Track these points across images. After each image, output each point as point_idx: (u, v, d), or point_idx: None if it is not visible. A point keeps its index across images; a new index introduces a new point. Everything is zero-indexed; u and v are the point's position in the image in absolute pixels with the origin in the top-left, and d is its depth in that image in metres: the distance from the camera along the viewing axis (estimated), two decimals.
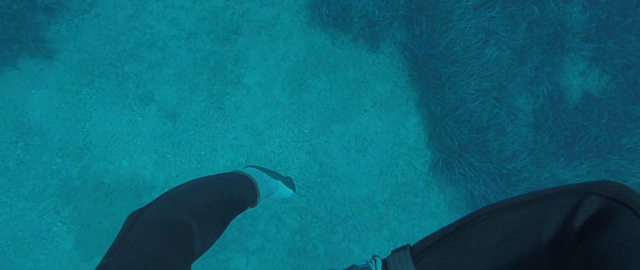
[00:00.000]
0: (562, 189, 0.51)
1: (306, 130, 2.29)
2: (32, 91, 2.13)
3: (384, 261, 0.61)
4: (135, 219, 0.61)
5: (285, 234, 2.29)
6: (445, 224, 1.25)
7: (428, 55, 2.17)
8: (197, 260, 0.71)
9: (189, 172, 2.25)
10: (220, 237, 0.77)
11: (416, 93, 2.32)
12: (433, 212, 2.34)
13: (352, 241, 2.31)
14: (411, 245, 0.60)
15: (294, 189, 1.27)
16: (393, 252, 0.61)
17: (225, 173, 0.92)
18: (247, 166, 1.09)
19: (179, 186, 0.74)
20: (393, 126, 2.31)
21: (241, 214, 0.90)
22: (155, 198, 0.71)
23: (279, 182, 1.14)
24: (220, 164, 2.26)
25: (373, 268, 0.60)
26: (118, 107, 2.21)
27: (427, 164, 2.32)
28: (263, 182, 1.01)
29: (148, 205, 0.64)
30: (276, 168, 2.28)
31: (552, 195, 0.50)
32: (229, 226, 0.81)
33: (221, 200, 0.75)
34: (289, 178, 1.29)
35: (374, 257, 0.62)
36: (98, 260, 2.23)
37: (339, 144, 2.29)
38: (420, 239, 0.62)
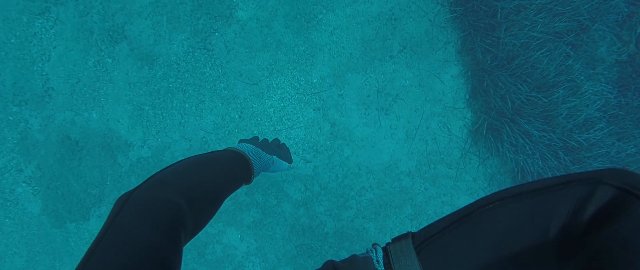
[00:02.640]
0: (572, 177, 0.48)
1: (315, 80, 1.85)
2: None
3: (385, 249, 0.59)
4: (123, 202, 0.58)
5: (286, 206, 1.94)
6: None
7: None
8: None
9: (172, 127, 1.89)
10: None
11: (458, 36, 1.82)
12: (469, 187, 1.93)
13: (367, 218, 1.95)
14: (413, 232, 0.59)
15: (290, 161, 1.15)
16: (394, 240, 0.59)
17: (217, 150, 0.87)
18: (241, 141, 1.04)
19: (169, 166, 0.71)
20: (426, 78, 1.85)
21: None
22: (144, 179, 0.71)
23: (274, 157, 1.05)
24: (208, 120, 1.88)
25: (374, 257, 0.58)
26: (82, 45, 1.81)
27: (466, 128, 1.87)
28: (257, 159, 0.93)
29: (137, 187, 0.62)
30: (276, 126, 1.89)
31: (562, 184, 0.48)
32: None
33: (213, 179, 0.73)
34: (286, 148, 1.16)
35: (374, 245, 0.61)
36: (71, 227, 1.97)
37: (355, 99, 1.86)
38: None
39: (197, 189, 0.67)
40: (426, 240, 0.56)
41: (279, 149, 1.10)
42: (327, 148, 1.89)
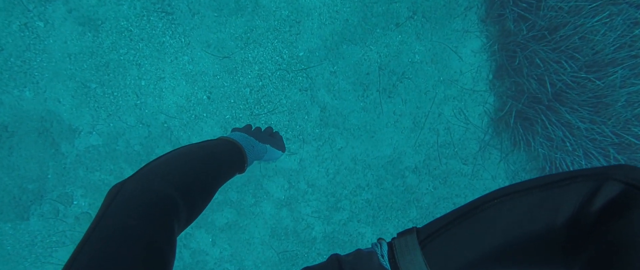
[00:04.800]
0: (579, 173, 0.46)
1: (301, 53, 1.44)
2: None
3: (390, 244, 0.56)
4: (115, 194, 0.55)
5: (266, 206, 1.57)
6: None
7: None
8: None
9: (125, 110, 1.49)
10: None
11: None
12: (487, 187, 1.56)
13: (363, 223, 1.58)
14: (418, 228, 0.57)
15: (283, 150, 1.08)
16: (399, 234, 0.57)
17: (210, 140, 0.81)
18: (234, 130, 0.96)
19: (160, 157, 0.66)
20: (440, 53, 1.44)
21: None
22: (135, 171, 0.73)
23: (267, 145, 0.98)
24: (170, 101, 1.48)
25: (379, 252, 0.55)
26: (0, 2, 1.38)
27: (488, 116, 1.48)
28: (250, 147, 0.88)
29: (128, 179, 0.58)
30: (254, 110, 1.49)
31: (568, 179, 0.47)
32: None
33: (206, 168, 0.70)
34: (279, 136, 1.08)
35: (379, 240, 0.58)
36: (6, 228, 1.59)
37: (352, 77, 1.46)
38: None
39: (189, 180, 0.64)
40: (431, 235, 0.54)
41: (272, 138, 1.03)
42: (315, 137, 1.50)
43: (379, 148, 1.50)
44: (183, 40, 1.42)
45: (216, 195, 1.57)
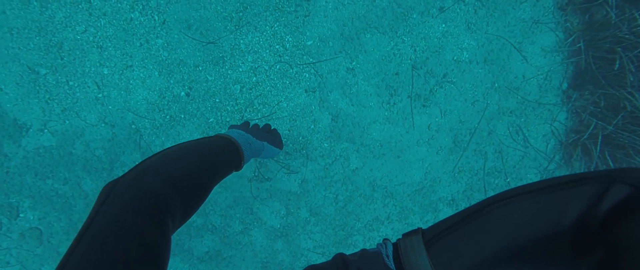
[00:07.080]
0: (587, 175, 0.44)
1: (310, 43, 1.04)
2: None
3: (395, 245, 0.55)
4: (109, 192, 0.53)
5: (257, 236, 1.18)
6: None
7: None
8: None
9: (84, 105, 1.11)
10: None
11: None
12: None
13: None
14: (423, 228, 0.53)
15: (281, 147, 0.96)
16: (404, 235, 0.54)
17: (207, 137, 0.78)
18: (231, 127, 0.89)
19: (155, 154, 0.64)
20: (497, 50, 1.02)
21: None
22: (128, 169, 0.68)
23: (265, 143, 0.90)
24: (139, 95, 1.09)
25: (384, 252, 0.54)
26: None
27: (556, 138, 1.06)
28: (247, 145, 0.82)
29: (122, 177, 0.55)
30: (244, 113, 1.09)
31: (576, 181, 0.44)
32: None
33: (202, 166, 0.67)
34: (277, 133, 0.96)
35: (384, 240, 0.56)
36: None
37: (375, 78, 1.05)
38: None
39: (185, 178, 0.60)
40: (436, 236, 0.51)
41: (269, 135, 0.93)
42: (323, 153, 1.10)
43: (405, 172, 1.09)
44: (157, 17, 1.03)
45: (194, 218, 1.19)
